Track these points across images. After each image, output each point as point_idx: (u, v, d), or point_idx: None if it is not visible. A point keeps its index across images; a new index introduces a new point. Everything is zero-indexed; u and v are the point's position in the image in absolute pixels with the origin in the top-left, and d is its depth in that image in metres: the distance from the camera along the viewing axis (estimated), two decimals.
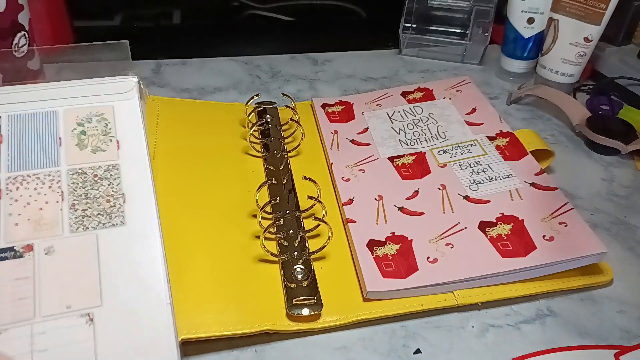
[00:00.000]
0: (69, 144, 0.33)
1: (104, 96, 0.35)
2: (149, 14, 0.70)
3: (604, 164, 0.47)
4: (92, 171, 0.32)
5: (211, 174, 0.41)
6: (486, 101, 0.50)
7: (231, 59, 0.61)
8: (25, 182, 0.31)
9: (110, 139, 0.33)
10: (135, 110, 0.35)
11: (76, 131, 0.33)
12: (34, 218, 0.30)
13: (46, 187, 0.31)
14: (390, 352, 0.31)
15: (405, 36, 0.62)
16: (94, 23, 0.68)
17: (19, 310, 0.27)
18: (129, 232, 0.30)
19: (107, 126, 0.34)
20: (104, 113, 0.34)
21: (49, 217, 0.30)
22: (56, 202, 0.30)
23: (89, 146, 0.33)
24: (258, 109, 0.48)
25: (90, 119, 0.34)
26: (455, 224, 0.37)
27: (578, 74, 0.54)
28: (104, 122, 0.34)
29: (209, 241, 0.36)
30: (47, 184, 0.31)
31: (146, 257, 0.30)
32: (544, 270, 0.34)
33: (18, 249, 0.29)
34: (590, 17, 0.51)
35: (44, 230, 0.29)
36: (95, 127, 0.34)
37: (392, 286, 0.33)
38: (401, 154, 0.44)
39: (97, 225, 0.30)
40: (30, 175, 0.31)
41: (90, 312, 0.27)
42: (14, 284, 0.27)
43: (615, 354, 0.31)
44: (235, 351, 0.31)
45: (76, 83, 0.35)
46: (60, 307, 0.27)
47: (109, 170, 0.32)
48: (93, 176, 0.32)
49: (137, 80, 0.36)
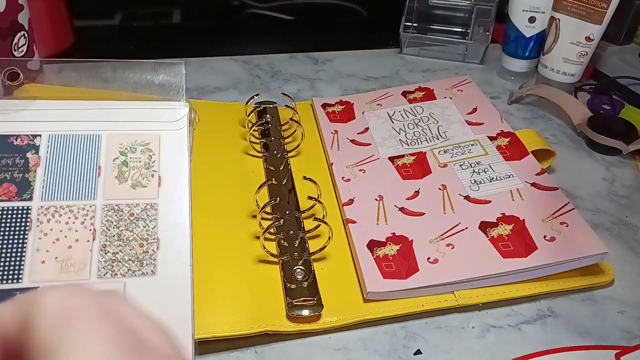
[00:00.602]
0: (108, 175, 0.30)
1: (152, 123, 0.32)
2: (149, 13, 0.70)
3: (605, 164, 0.47)
4: (128, 209, 0.29)
5: (211, 174, 0.41)
6: (487, 101, 0.49)
7: (231, 58, 0.61)
8: (58, 215, 0.29)
9: (152, 174, 0.31)
10: (183, 142, 0.32)
11: (118, 161, 0.31)
12: (61, 257, 0.28)
13: (78, 223, 0.28)
14: (391, 353, 0.31)
15: (406, 35, 0.62)
16: (94, 22, 0.68)
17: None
18: (159, 283, 0.28)
19: (150, 158, 0.31)
20: (149, 143, 0.31)
21: (77, 258, 0.28)
22: (87, 241, 0.28)
23: (129, 180, 0.30)
24: (258, 109, 0.48)
25: (135, 149, 0.31)
26: (456, 224, 0.37)
27: (579, 74, 0.54)
28: (148, 154, 0.31)
29: (209, 242, 0.35)
30: (80, 219, 0.29)
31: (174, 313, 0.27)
32: (544, 271, 0.34)
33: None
34: (591, 16, 0.51)
35: (71, 272, 0.27)
36: (138, 158, 0.31)
37: (393, 287, 0.33)
38: (402, 154, 0.43)
39: (126, 272, 0.28)
40: (63, 207, 0.29)
41: None
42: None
43: (616, 354, 0.31)
44: (235, 352, 0.31)
45: (123, 105, 0.32)
46: None
47: (146, 210, 0.29)
48: (129, 215, 0.29)
49: (188, 110, 0.33)
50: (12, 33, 0.45)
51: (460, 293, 0.33)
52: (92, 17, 0.68)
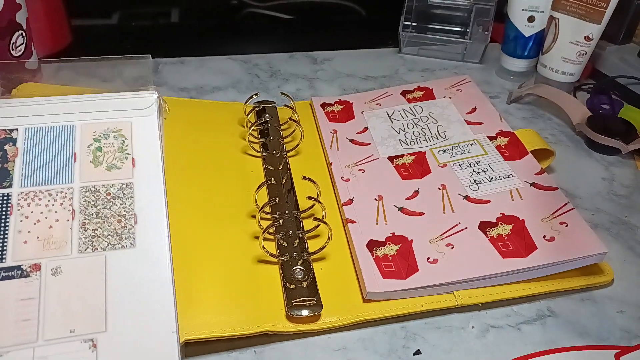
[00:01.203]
0: (84, 160, 0.32)
1: (123, 112, 0.34)
2: (147, 12, 0.70)
3: (604, 164, 0.47)
4: (105, 189, 0.31)
5: (210, 174, 0.41)
6: (486, 100, 0.49)
7: (230, 57, 0.61)
8: (37, 199, 0.30)
9: (126, 157, 0.33)
10: (153, 127, 0.34)
11: (92, 147, 0.33)
12: (43, 236, 0.29)
13: (57, 204, 0.30)
14: (391, 353, 0.31)
15: (405, 35, 0.62)
16: (92, 22, 0.68)
17: (22, 332, 0.26)
18: (138, 255, 0.29)
19: (123, 143, 0.33)
20: (121, 129, 0.34)
21: (58, 236, 0.29)
22: (67, 220, 0.30)
23: (104, 163, 0.32)
24: (257, 108, 0.48)
25: (107, 135, 0.33)
26: (455, 224, 0.37)
27: (579, 73, 0.54)
28: (121, 139, 0.33)
29: (208, 242, 0.35)
30: (59, 201, 0.30)
31: (155, 282, 0.29)
32: (544, 271, 0.34)
33: (25, 268, 0.28)
34: (590, 15, 0.51)
35: (52, 250, 0.29)
36: (111, 143, 0.33)
37: (392, 287, 0.33)
38: (401, 153, 0.43)
39: (106, 246, 0.29)
40: (42, 191, 0.31)
41: (94, 337, 0.26)
42: (19, 305, 0.27)
43: (616, 354, 0.31)
44: (234, 352, 0.31)
45: (95, 97, 0.35)
46: (64, 330, 0.26)
47: (122, 189, 0.31)
48: (106, 194, 0.31)
49: (157, 96, 0.35)
50: (9, 32, 0.45)
51: (460, 293, 0.33)
52: (91, 16, 0.67)
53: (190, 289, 0.32)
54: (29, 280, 0.28)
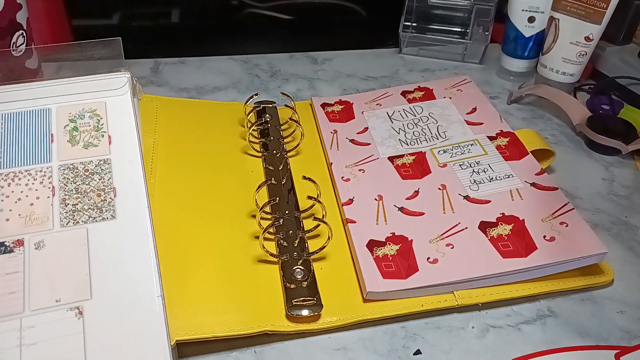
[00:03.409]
0: (61, 140, 0.33)
1: (97, 93, 0.35)
2: (148, 12, 0.70)
3: (604, 164, 0.47)
4: (83, 166, 0.32)
5: (210, 174, 0.41)
6: (486, 101, 0.49)
7: (230, 58, 0.61)
8: (17, 179, 0.31)
9: (102, 135, 0.33)
10: (127, 105, 0.35)
11: (68, 127, 0.33)
12: (24, 213, 0.30)
13: (37, 183, 0.31)
14: (390, 353, 0.31)
15: (406, 35, 0.62)
16: (93, 22, 0.68)
17: (8, 304, 0.27)
18: (119, 225, 0.30)
19: (99, 122, 0.34)
20: (96, 109, 0.34)
21: (39, 212, 0.30)
22: (47, 197, 0.31)
23: (80, 142, 0.33)
24: (257, 109, 0.48)
25: (83, 115, 0.34)
26: (455, 224, 0.37)
27: (579, 74, 0.54)
28: (96, 118, 0.34)
29: (208, 241, 0.35)
30: (39, 180, 0.31)
31: (137, 250, 0.30)
32: (544, 271, 0.34)
33: (8, 244, 0.29)
34: (591, 16, 0.51)
35: (35, 225, 0.29)
36: (87, 123, 0.34)
37: (392, 287, 0.33)
38: (401, 153, 0.43)
39: (87, 219, 0.30)
40: (22, 171, 0.31)
41: (80, 305, 0.27)
42: (4, 279, 0.27)
43: (616, 354, 0.31)
44: (234, 352, 0.31)
45: (70, 81, 0.36)
46: (50, 300, 0.27)
47: (100, 165, 0.32)
48: (84, 171, 0.32)
49: (129, 77, 0.36)
50: (10, 32, 0.45)
51: (460, 293, 0.33)
52: (91, 16, 0.67)
53: (190, 289, 0.32)
54: (12, 255, 0.28)
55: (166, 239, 0.35)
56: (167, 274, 0.33)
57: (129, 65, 0.36)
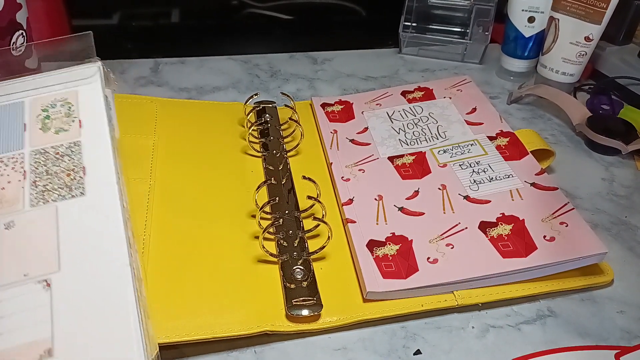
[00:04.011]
0: (33, 128, 0.34)
1: (68, 83, 0.36)
2: (148, 12, 0.70)
3: (604, 164, 0.47)
4: (54, 150, 0.32)
5: (210, 174, 0.41)
6: (486, 101, 0.49)
7: (230, 57, 0.61)
8: None
9: (73, 120, 0.34)
10: (98, 91, 0.36)
11: (41, 116, 0.34)
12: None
13: (9, 169, 0.32)
14: (390, 353, 0.31)
15: (406, 35, 0.62)
16: (93, 22, 0.68)
17: None
18: (88, 201, 0.31)
19: (70, 109, 0.35)
20: (67, 98, 0.35)
21: (10, 195, 0.30)
22: (18, 180, 0.31)
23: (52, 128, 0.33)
24: (257, 108, 0.48)
25: (55, 105, 0.35)
26: (455, 224, 0.37)
27: (579, 74, 0.54)
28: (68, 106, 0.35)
29: (208, 241, 0.35)
30: (10, 166, 0.32)
31: (106, 222, 0.30)
32: (544, 271, 0.34)
33: None
34: (591, 16, 0.51)
35: (5, 207, 0.30)
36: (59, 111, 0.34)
37: (392, 287, 0.33)
38: (401, 153, 0.43)
39: (57, 197, 0.30)
40: None
41: (48, 277, 0.27)
42: None
43: (616, 354, 0.31)
44: (234, 352, 0.31)
45: (43, 75, 0.36)
46: (18, 275, 0.27)
47: (70, 147, 0.33)
48: (55, 154, 0.32)
49: (99, 65, 0.37)
50: (10, 32, 0.45)
51: (460, 293, 0.33)
52: (91, 16, 0.67)
53: (190, 289, 0.32)
54: None
55: (166, 239, 0.35)
56: (167, 274, 0.33)
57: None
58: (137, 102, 0.47)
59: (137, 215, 0.36)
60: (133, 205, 0.36)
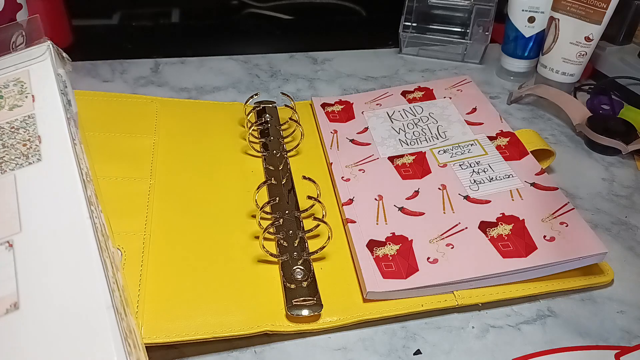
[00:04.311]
0: None
1: (20, 64, 0.37)
2: (148, 12, 0.70)
3: (604, 164, 0.47)
4: (9, 125, 0.33)
5: (210, 174, 0.41)
6: (486, 101, 0.49)
7: (230, 57, 0.61)
8: None
9: (26, 96, 0.34)
10: (48, 67, 0.36)
11: None
12: None
13: None
14: (390, 353, 0.31)
15: (406, 35, 0.62)
16: (93, 22, 0.68)
17: None
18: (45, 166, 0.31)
19: (23, 87, 0.35)
20: (19, 77, 0.36)
21: None
22: None
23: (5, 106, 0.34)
24: (257, 108, 0.48)
25: (7, 85, 0.35)
26: (455, 224, 0.37)
27: (579, 74, 0.54)
28: (20, 84, 0.35)
29: (208, 241, 0.35)
30: None
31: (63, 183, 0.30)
32: (544, 271, 0.34)
33: None
34: (591, 16, 0.51)
35: None
36: (12, 90, 0.35)
37: (392, 287, 0.33)
38: (401, 153, 0.43)
39: (14, 167, 0.31)
40: None
41: (10, 239, 0.28)
42: None
43: (616, 354, 0.31)
44: (234, 352, 0.31)
45: None
46: None
47: (25, 120, 0.33)
48: (10, 128, 0.33)
49: (49, 44, 0.37)
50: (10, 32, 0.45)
51: (460, 293, 0.33)
52: (91, 16, 0.67)
53: (190, 289, 0.32)
54: None
55: (166, 239, 0.35)
56: (167, 273, 0.33)
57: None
58: (137, 101, 0.47)
59: (137, 215, 0.36)
60: (133, 205, 0.36)
